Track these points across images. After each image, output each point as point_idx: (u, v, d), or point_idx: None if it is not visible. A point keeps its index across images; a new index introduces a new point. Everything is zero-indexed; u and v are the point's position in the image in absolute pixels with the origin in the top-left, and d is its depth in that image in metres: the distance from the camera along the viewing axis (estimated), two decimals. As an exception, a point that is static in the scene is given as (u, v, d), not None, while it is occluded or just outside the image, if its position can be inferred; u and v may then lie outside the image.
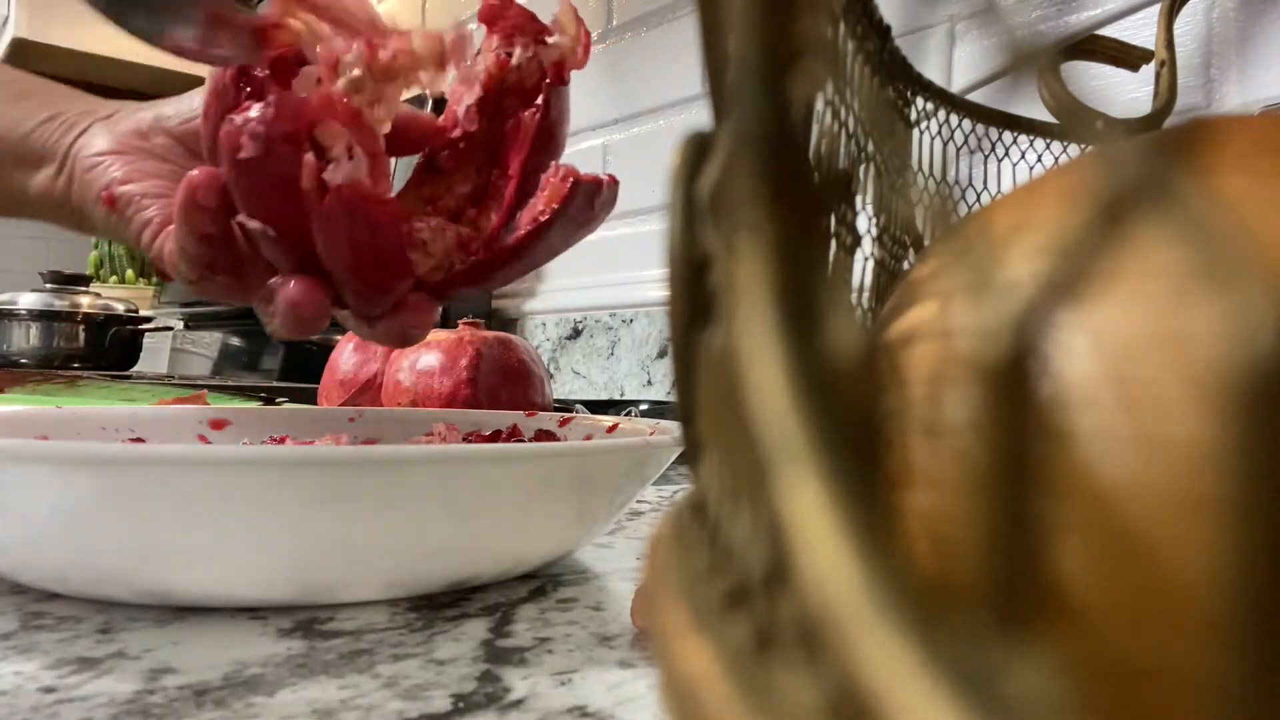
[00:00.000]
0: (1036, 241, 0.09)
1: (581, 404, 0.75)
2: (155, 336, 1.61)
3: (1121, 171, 0.06)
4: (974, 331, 0.07)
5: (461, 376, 0.54)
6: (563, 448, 0.28)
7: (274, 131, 0.31)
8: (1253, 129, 0.09)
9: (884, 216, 0.23)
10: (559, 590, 0.29)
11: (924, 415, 0.09)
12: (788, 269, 0.08)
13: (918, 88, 0.34)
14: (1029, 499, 0.07)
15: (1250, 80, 0.56)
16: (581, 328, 1.05)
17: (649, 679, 0.21)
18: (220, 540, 0.25)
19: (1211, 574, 0.07)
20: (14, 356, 1.52)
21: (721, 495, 0.10)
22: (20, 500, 0.24)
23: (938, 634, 0.06)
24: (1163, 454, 0.07)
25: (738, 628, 0.08)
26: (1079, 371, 0.08)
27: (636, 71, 1.01)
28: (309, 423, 0.43)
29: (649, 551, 0.11)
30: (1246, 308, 0.06)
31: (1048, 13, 0.64)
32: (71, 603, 0.26)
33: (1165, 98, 0.45)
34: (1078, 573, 0.08)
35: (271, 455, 0.24)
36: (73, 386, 0.70)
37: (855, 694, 0.06)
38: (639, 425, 0.41)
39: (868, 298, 0.23)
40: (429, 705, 0.19)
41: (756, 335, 0.08)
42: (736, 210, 0.08)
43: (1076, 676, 0.08)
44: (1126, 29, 0.56)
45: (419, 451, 0.26)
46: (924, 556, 0.09)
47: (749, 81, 0.08)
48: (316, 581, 0.26)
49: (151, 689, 0.20)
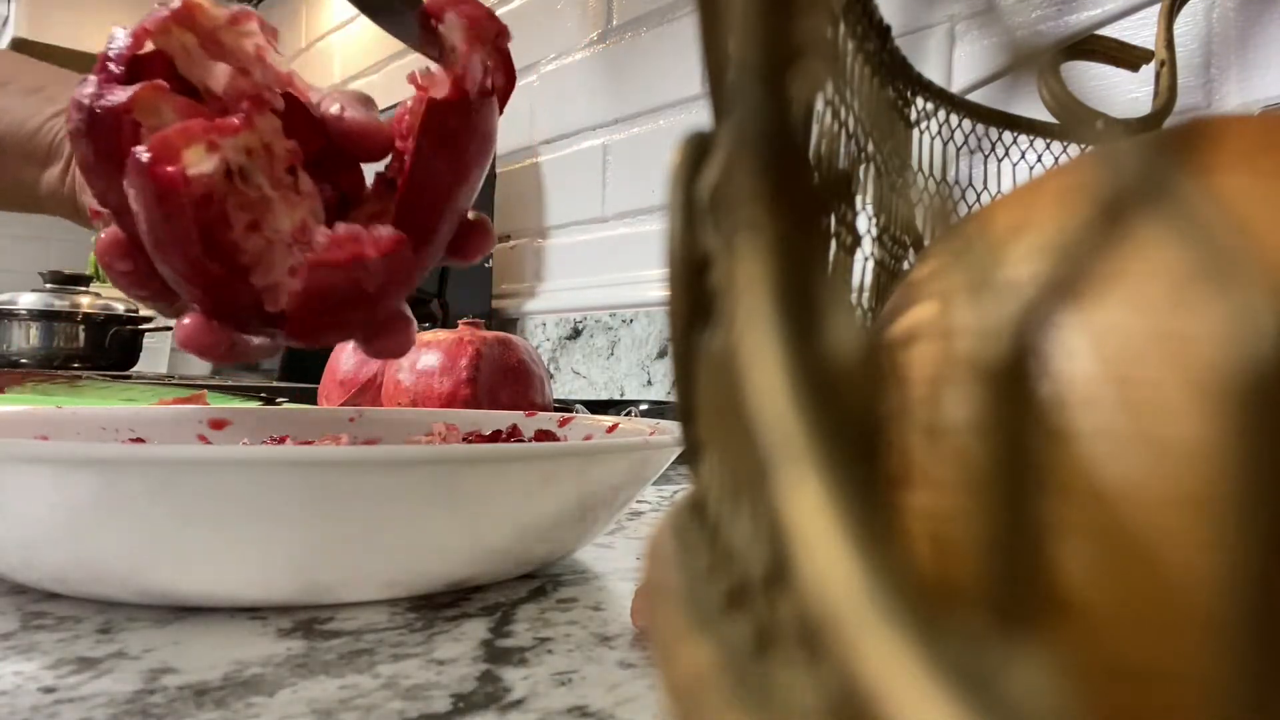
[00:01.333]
0: (1036, 241, 0.09)
1: (581, 404, 0.75)
2: (155, 336, 1.61)
3: (1121, 171, 0.06)
4: (974, 331, 0.07)
5: (461, 376, 0.54)
6: (563, 448, 0.28)
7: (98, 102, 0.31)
8: (1253, 129, 0.09)
9: (884, 216, 0.23)
10: (559, 590, 0.29)
11: (924, 415, 0.09)
12: (788, 269, 0.08)
13: (918, 88, 0.34)
14: (1029, 499, 0.07)
15: (1250, 80, 0.56)
16: (581, 328, 1.05)
17: (649, 679, 0.21)
18: (220, 540, 0.25)
19: (1211, 574, 0.07)
20: (14, 356, 1.52)
21: (721, 495, 0.10)
22: (20, 500, 0.24)
23: (938, 634, 0.06)
24: (1163, 454, 0.07)
25: (738, 628, 0.08)
26: (1079, 371, 0.08)
27: (636, 71, 1.01)
28: (309, 423, 0.43)
29: (649, 551, 0.11)
30: (1246, 308, 0.06)
31: (1048, 13, 0.64)
32: (71, 603, 0.26)
33: (1165, 98, 0.45)
34: (1078, 573, 0.08)
35: (271, 455, 0.24)
36: (73, 386, 0.70)
37: (855, 694, 0.06)
38: (639, 425, 0.41)
39: (868, 298, 0.23)
40: (429, 705, 0.19)
41: (756, 335, 0.08)
42: (736, 210, 0.08)
43: (1077, 677, 0.08)
44: (1126, 29, 0.56)
45: (419, 451, 0.26)
46: (924, 556, 0.09)
47: (749, 81, 0.08)
48: (316, 581, 0.26)
49: (151, 689, 0.20)
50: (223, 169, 0.31)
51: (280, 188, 0.33)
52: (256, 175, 0.32)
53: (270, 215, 0.33)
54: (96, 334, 1.56)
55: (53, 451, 0.24)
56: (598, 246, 1.05)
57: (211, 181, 0.31)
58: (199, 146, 0.31)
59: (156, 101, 0.32)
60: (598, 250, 1.05)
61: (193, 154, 0.31)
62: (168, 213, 0.31)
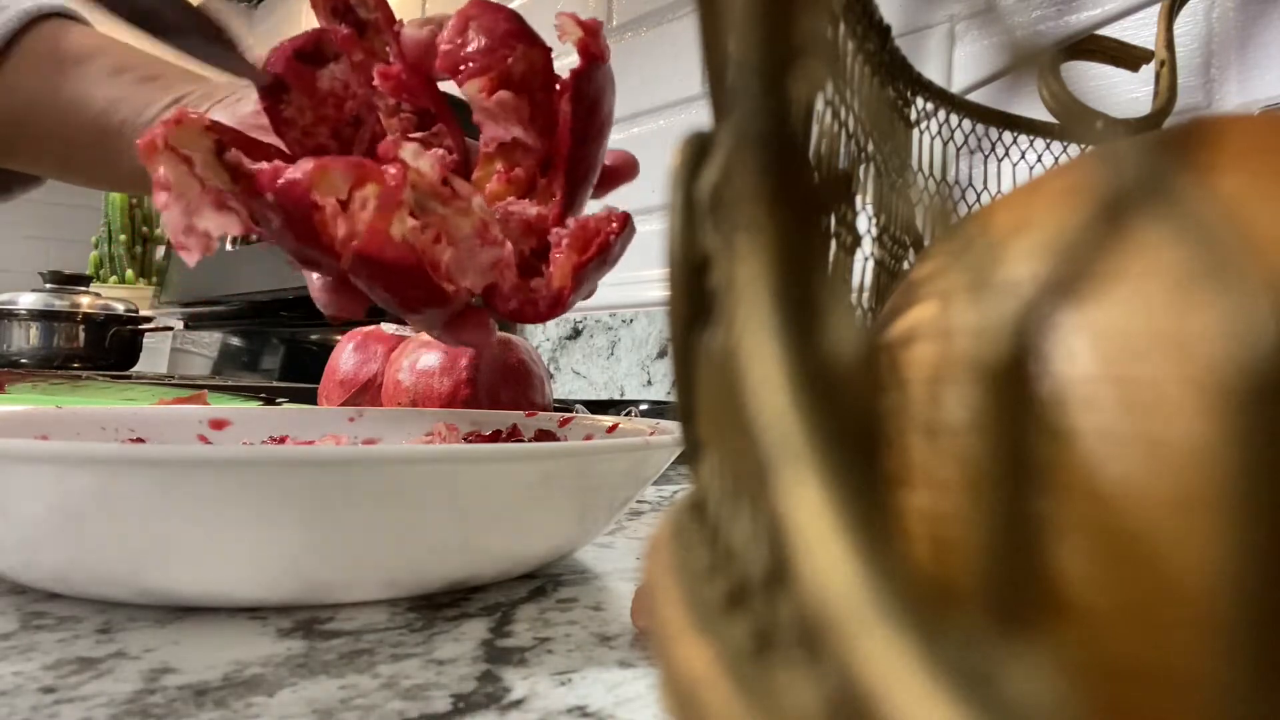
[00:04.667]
0: (1036, 241, 0.09)
1: (581, 404, 0.75)
2: (155, 336, 1.61)
3: (1121, 171, 0.06)
4: (974, 331, 0.07)
5: (461, 376, 0.54)
6: (563, 448, 0.28)
7: (278, 192, 0.34)
8: (1253, 129, 0.09)
9: (884, 216, 0.23)
10: (559, 590, 0.29)
11: (924, 415, 0.09)
12: (788, 269, 0.08)
13: (918, 88, 0.34)
14: (1029, 499, 0.07)
15: (1250, 80, 0.56)
16: (581, 328, 1.05)
17: (649, 679, 0.21)
18: (220, 540, 0.25)
19: (1211, 574, 0.07)
20: (14, 356, 1.52)
21: (721, 495, 0.10)
22: (20, 500, 0.24)
23: (938, 634, 0.06)
24: (1163, 454, 0.07)
25: (738, 628, 0.08)
26: (1079, 371, 0.08)
27: (636, 71, 1.01)
28: (309, 423, 0.43)
29: (649, 551, 0.11)
30: (1246, 308, 0.06)
31: (1048, 13, 0.64)
32: (71, 603, 0.26)
33: (1165, 98, 0.45)
34: (1077, 573, 0.08)
35: (271, 455, 0.24)
36: (73, 386, 0.70)
37: (855, 694, 0.06)
38: (639, 425, 0.41)
39: (868, 298, 0.23)
40: (429, 705, 0.19)
41: (756, 335, 0.08)
42: (736, 210, 0.08)
43: (1076, 677, 0.08)
44: (1126, 29, 0.56)
45: (419, 451, 0.26)
46: (924, 556, 0.09)
47: (749, 81, 0.08)
48: (316, 581, 0.26)
49: (151, 689, 0.20)
50: (415, 224, 0.34)
51: (449, 202, 0.35)
52: (429, 203, 0.35)
53: (451, 228, 0.35)
54: (96, 334, 1.56)
55: (53, 451, 0.24)
56: (598, 246, 1.05)
57: (410, 235, 0.34)
58: (396, 216, 0.34)
59: (328, 174, 0.34)
60: (598, 250, 1.05)
61: (396, 226, 0.34)
62: (387, 281, 0.34)
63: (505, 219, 0.38)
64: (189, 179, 0.34)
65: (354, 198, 0.33)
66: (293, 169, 0.33)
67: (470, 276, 0.35)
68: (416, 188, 0.34)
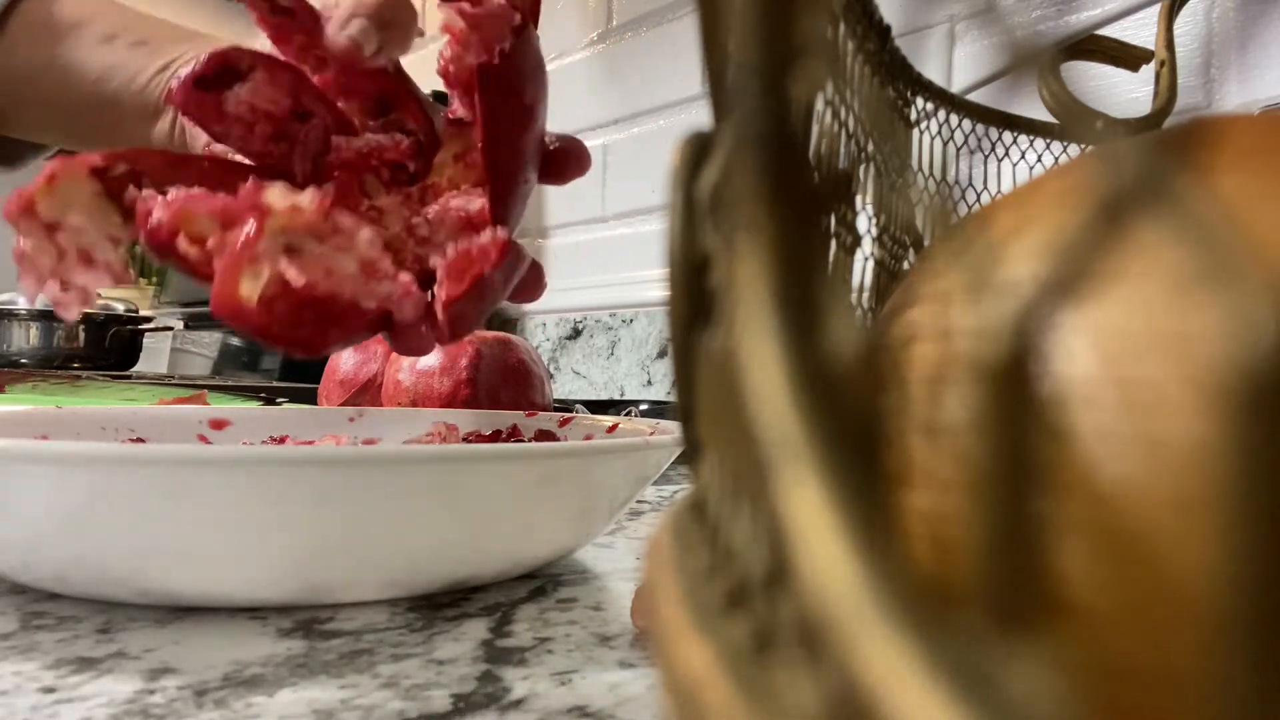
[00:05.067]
0: (1036, 241, 0.09)
1: (581, 404, 0.75)
2: (155, 336, 1.61)
3: (1121, 171, 0.06)
4: (974, 331, 0.07)
5: (461, 376, 0.54)
6: (563, 448, 0.28)
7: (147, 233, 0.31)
8: (1253, 129, 0.09)
9: (884, 216, 0.23)
10: (559, 590, 0.29)
11: (924, 415, 0.09)
12: (788, 269, 0.08)
13: (918, 88, 0.34)
14: (1029, 499, 0.07)
15: (1250, 80, 0.56)
16: (581, 328, 1.05)
17: (649, 679, 0.21)
18: (220, 540, 0.25)
19: (1212, 574, 0.07)
20: (14, 356, 1.52)
21: (721, 495, 0.10)
22: (20, 500, 0.24)
23: (938, 634, 0.06)
24: (1163, 454, 0.07)
25: (738, 628, 0.08)
26: (1079, 371, 0.08)
27: (636, 72, 1.01)
28: (309, 423, 0.43)
29: (649, 551, 0.11)
30: (1246, 308, 0.06)
31: (1048, 13, 0.64)
32: (71, 603, 0.26)
33: (1165, 98, 0.45)
34: (1078, 573, 0.08)
35: (271, 455, 0.24)
36: (73, 386, 0.70)
37: (855, 694, 0.06)
38: (639, 425, 0.41)
39: (868, 298, 0.23)
40: (429, 705, 0.19)
41: (756, 335, 0.08)
42: (736, 210, 0.08)
43: (1077, 676, 0.08)
44: (1126, 29, 0.56)
45: (419, 451, 0.26)
46: (924, 556, 0.09)
47: (749, 81, 0.08)
48: (316, 581, 0.26)
49: (151, 689, 0.20)
50: (277, 276, 0.30)
51: (328, 239, 0.31)
52: (306, 243, 0.31)
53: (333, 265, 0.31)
54: (96, 334, 1.56)
55: (53, 451, 0.24)
56: (598, 246, 1.05)
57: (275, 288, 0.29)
58: (246, 273, 0.29)
59: (191, 218, 0.30)
60: (598, 250, 1.05)
61: (245, 285, 0.29)
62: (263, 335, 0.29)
63: (442, 216, 0.35)
64: (44, 247, 0.31)
65: (225, 239, 0.30)
66: (158, 208, 0.30)
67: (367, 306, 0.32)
68: (289, 229, 0.30)
